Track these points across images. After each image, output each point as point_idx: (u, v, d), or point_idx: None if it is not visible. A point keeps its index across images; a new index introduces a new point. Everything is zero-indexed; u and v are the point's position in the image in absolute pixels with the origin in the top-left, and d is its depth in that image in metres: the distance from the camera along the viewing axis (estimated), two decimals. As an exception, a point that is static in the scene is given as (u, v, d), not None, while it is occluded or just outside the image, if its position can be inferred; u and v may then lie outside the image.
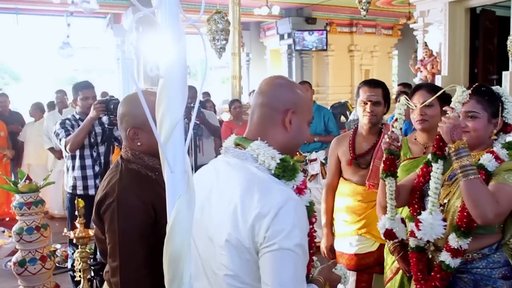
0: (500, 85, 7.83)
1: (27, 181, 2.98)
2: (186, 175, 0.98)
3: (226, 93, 11.20)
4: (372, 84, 2.76)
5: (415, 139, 2.49)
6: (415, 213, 2.07)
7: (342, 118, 10.15)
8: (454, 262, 1.87)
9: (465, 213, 1.82)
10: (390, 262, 2.46)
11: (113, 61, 13.48)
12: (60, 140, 3.54)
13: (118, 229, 1.66)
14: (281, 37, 13.61)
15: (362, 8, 4.48)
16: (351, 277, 2.77)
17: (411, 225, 2.06)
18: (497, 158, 1.85)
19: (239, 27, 6.53)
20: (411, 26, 10.05)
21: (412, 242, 2.07)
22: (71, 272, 3.49)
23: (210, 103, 6.24)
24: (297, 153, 4.04)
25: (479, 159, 1.90)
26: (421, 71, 9.31)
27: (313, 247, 1.50)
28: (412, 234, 2.01)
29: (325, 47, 12.97)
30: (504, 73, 7.56)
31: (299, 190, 1.40)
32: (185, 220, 0.97)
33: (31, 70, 21.68)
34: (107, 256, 1.75)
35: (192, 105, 4.66)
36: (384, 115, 2.76)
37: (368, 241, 2.71)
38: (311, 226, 1.45)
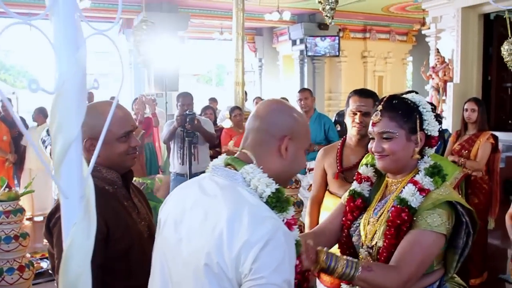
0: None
1: (7, 189, 2.92)
2: (85, 200, 0.88)
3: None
4: (363, 94, 2.64)
5: None
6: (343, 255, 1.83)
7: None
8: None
9: (383, 257, 1.61)
10: None
11: (125, 66, 13.56)
12: (46, 147, 3.49)
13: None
14: (293, 42, 13.52)
15: (327, 16, 4.35)
16: (335, 296, 2.64)
17: None
18: (421, 190, 1.60)
19: (243, 33, 6.44)
20: (423, 32, 9.86)
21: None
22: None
23: (210, 110, 6.15)
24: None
25: (401, 190, 1.66)
26: (432, 78, 9.11)
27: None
28: None
29: (337, 53, 12.82)
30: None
31: (288, 225, 1.31)
32: (81, 249, 0.88)
33: (48, 75, 21.99)
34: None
35: (187, 112, 4.58)
36: None
37: (352, 258, 2.58)
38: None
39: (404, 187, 1.65)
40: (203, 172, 1.51)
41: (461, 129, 4.62)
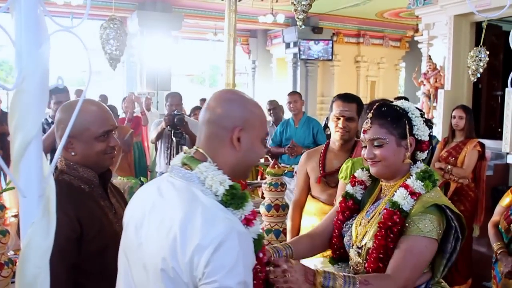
0: (503, 102, 7.71)
1: (-13, 185, 2.88)
2: (45, 200, 0.86)
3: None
4: (346, 98, 2.63)
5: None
6: (334, 256, 1.89)
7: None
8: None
9: (372, 258, 1.64)
10: None
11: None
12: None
13: None
14: (287, 45, 13.53)
15: (298, 18, 4.32)
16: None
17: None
18: (412, 193, 1.64)
19: (234, 34, 6.39)
20: (416, 38, 9.90)
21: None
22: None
23: (199, 110, 6.12)
24: (276, 165, 3.90)
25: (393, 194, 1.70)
26: (424, 85, 9.14)
27: (260, 285, 1.38)
28: None
29: (330, 57, 12.86)
30: (507, 89, 7.37)
31: (247, 221, 1.28)
32: (39, 249, 0.86)
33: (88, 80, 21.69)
34: None
35: (175, 112, 4.56)
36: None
37: (333, 264, 2.57)
38: (256, 262, 1.30)
39: (396, 191, 1.68)
40: None
41: (449, 136, 4.63)
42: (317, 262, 2.63)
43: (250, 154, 1.36)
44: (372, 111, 1.74)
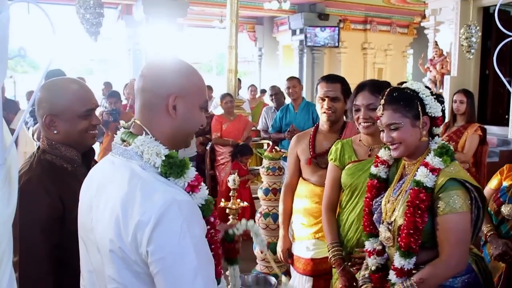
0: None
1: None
2: (6, 169, 0.87)
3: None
4: (330, 79, 2.62)
5: (359, 140, 2.35)
6: (366, 233, 2.02)
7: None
8: (398, 281, 1.79)
9: (404, 234, 1.75)
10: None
11: (124, 51, 13.49)
12: (28, 128, 3.49)
13: (18, 222, 1.57)
14: (293, 32, 13.42)
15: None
16: (307, 283, 2.64)
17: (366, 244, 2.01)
18: (432, 170, 1.74)
19: (237, 20, 6.40)
20: (422, 24, 9.78)
21: (370, 263, 1.98)
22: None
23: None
24: (273, 150, 3.91)
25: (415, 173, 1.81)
26: (430, 71, 9.06)
27: (217, 249, 1.36)
28: (370, 254, 1.97)
29: (336, 44, 12.75)
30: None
31: (192, 188, 1.24)
32: (1, 218, 0.87)
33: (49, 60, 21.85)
34: None
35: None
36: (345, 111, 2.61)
37: (325, 245, 2.56)
38: (209, 227, 1.29)
39: (417, 169, 1.79)
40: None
41: (450, 120, 4.60)
42: (309, 244, 2.65)
43: (187, 122, 1.32)
44: (384, 97, 1.82)
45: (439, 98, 1.84)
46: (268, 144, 6.35)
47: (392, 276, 1.81)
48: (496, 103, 8.87)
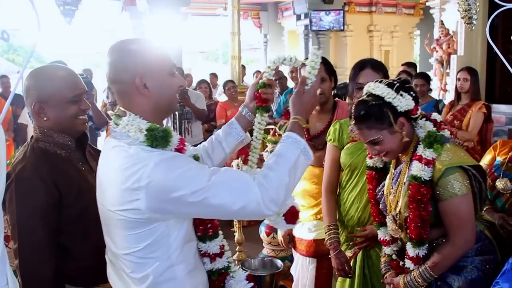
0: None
1: None
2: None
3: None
4: None
5: None
6: (376, 223, 2.08)
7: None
8: (415, 267, 1.86)
9: (412, 228, 1.79)
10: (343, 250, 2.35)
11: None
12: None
13: (16, 210, 1.61)
14: (298, 17, 13.30)
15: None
16: (311, 264, 2.66)
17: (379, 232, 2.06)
18: (427, 163, 1.77)
19: (238, 6, 6.39)
20: (428, 4, 9.64)
21: (387, 251, 2.05)
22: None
23: (205, 84, 6.09)
24: (276, 133, 3.90)
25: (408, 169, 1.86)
26: (436, 51, 8.95)
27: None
28: (385, 243, 2.03)
29: (342, 28, 12.62)
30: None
31: (179, 150, 1.39)
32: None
33: (56, 54, 22.06)
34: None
35: (183, 88, 4.57)
36: (333, 89, 2.65)
37: (326, 226, 2.58)
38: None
39: (412, 162, 1.82)
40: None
41: (454, 99, 4.56)
42: (310, 225, 2.66)
43: (163, 93, 1.40)
44: (352, 116, 1.83)
45: (405, 86, 1.81)
46: (271, 129, 6.35)
47: (409, 264, 1.87)
48: (504, 81, 8.73)
